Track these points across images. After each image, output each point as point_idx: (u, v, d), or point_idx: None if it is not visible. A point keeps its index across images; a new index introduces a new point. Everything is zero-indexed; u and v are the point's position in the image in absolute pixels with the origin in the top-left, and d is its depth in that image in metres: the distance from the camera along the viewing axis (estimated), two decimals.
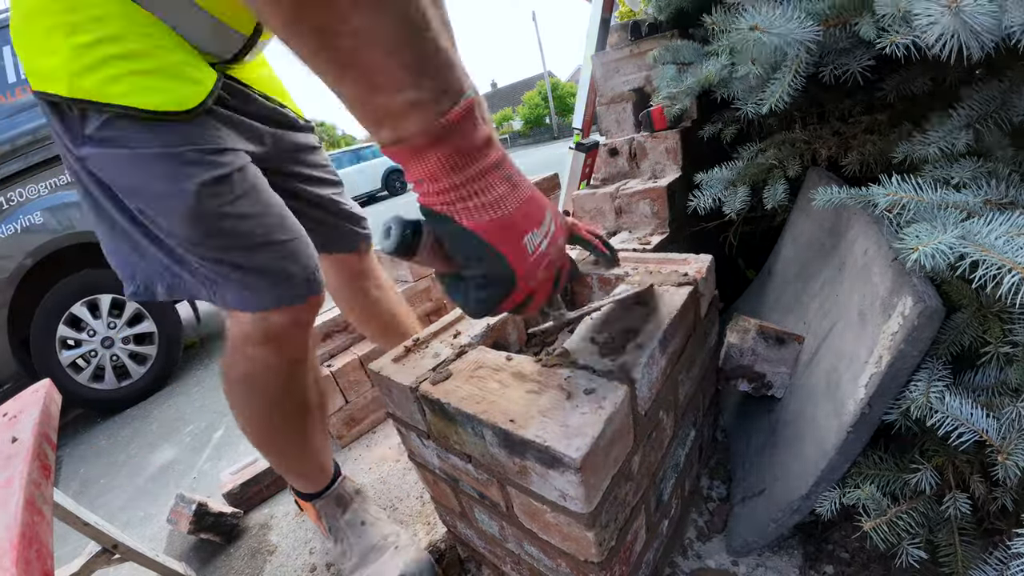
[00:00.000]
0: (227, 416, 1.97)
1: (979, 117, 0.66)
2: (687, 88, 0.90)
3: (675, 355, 0.70)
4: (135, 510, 1.49)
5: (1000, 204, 0.57)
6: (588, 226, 0.64)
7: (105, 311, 2.35)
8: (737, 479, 0.91)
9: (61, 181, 2.23)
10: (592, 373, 0.59)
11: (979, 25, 0.47)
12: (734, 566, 0.80)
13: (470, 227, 0.42)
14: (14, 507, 0.54)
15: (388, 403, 0.76)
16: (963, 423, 0.53)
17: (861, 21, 0.61)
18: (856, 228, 0.76)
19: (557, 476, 0.51)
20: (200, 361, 2.80)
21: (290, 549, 1.07)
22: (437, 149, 0.39)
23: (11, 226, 2.12)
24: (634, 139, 1.25)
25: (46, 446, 0.71)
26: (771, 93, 0.71)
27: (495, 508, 0.68)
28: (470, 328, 0.80)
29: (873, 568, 0.73)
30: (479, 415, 0.57)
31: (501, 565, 0.80)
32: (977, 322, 0.59)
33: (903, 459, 0.64)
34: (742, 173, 0.96)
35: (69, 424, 2.45)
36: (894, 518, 0.59)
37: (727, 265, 1.40)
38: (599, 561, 0.56)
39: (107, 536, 0.89)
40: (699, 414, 0.87)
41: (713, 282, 0.85)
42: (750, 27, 0.63)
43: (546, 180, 2.37)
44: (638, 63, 1.29)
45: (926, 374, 0.58)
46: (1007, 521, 0.58)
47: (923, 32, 0.49)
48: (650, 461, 0.66)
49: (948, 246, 0.50)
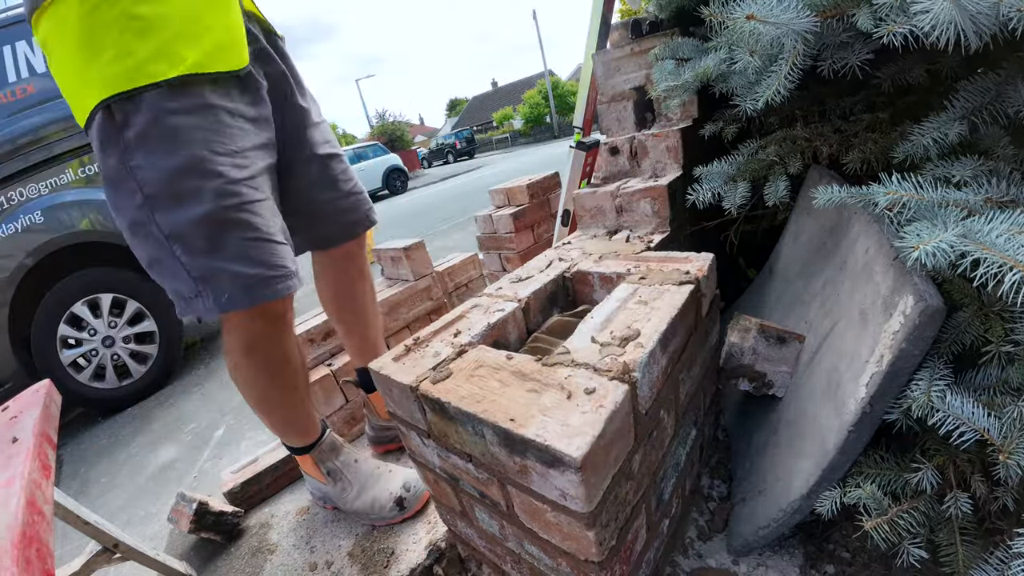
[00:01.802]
0: (228, 415, 1.97)
1: (974, 109, 0.65)
2: (685, 82, 0.89)
3: (676, 354, 0.70)
4: (136, 509, 1.50)
5: (1001, 202, 0.57)
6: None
7: (106, 310, 2.36)
8: (738, 478, 0.90)
9: (62, 181, 2.23)
10: (593, 372, 0.59)
11: (976, 10, 0.46)
12: (735, 565, 0.80)
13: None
14: (15, 507, 0.54)
15: (388, 402, 0.76)
16: (964, 422, 0.53)
17: (859, 12, 0.60)
18: (857, 227, 0.76)
19: (557, 475, 0.51)
20: (201, 360, 2.81)
21: (290, 548, 1.07)
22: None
23: (12, 226, 2.12)
24: (635, 138, 1.25)
25: (46, 446, 0.71)
26: (767, 85, 0.70)
27: (495, 507, 0.68)
28: (470, 327, 0.80)
29: (874, 568, 0.73)
30: (479, 414, 0.56)
31: (501, 564, 0.80)
32: (978, 321, 0.58)
33: (904, 458, 0.64)
34: (742, 168, 0.96)
35: (70, 423, 2.45)
36: (895, 517, 0.59)
37: (728, 264, 1.40)
38: (599, 560, 0.56)
39: (108, 535, 0.89)
40: (700, 413, 0.87)
41: (714, 281, 0.85)
42: (746, 16, 0.63)
43: (546, 179, 2.38)
44: (639, 61, 1.29)
45: (927, 373, 0.58)
46: (1008, 521, 0.58)
47: (920, 20, 0.49)
48: (651, 460, 0.66)
49: (949, 244, 0.50)
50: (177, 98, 0.66)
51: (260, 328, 0.80)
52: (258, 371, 0.85)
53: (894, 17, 0.55)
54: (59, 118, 2.21)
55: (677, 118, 1.28)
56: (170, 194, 0.67)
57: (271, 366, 0.85)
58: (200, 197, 0.68)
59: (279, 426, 0.99)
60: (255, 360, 0.83)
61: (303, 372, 0.95)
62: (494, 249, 2.38)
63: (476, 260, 1.88)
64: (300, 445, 1.03)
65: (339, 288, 1.12)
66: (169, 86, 0.65)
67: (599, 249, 1.07)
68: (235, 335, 0.81)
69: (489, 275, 2.42)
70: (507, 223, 2.23)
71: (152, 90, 0.64)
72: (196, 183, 0.67)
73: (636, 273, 0.84)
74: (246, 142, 0.73)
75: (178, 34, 0.66)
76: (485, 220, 2.34)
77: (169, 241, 0.69)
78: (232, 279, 0.72)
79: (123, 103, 0.64)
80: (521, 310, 0.86)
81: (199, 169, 0.67)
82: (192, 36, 0.67)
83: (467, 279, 1.85)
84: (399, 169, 13.33)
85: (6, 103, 2.14)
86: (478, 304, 0.90)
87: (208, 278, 0.71)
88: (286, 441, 1.04)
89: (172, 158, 0.66)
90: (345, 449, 1.08)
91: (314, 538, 1.08)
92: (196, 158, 0.67)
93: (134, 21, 0.63)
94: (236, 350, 0.82)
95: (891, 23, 0.55)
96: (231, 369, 0.86)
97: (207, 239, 0.69)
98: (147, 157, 0.66)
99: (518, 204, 2.29)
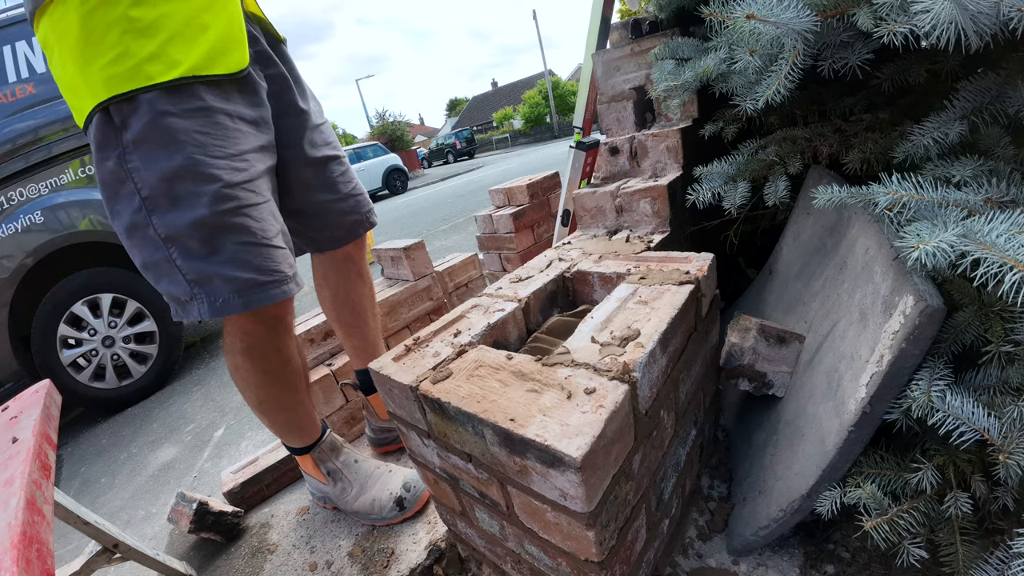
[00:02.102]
0: (228, 415, 1.97)
1: (974, 109, 0.65)
2: (685, 82, 0.89)
3: (676, 354, 0.70)
4: (136, 509, 1.50)
5: (1001, 202, 0.57)
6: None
7: (106, 310, 2.36)
8: (738, 478, 0.90)
9: (62, 180, 2.23)
10: (593, 372, 0.59)
11: (976, 10, 0.46)
12: (735, 565, 0.80)
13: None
14: (15, 507, 0.54)
15: (388, 402, 0.76)
16: (964, 422, 0.53)
17: (859, 11, 0.60)
18: (857, 227, 0.76)
19: (558, 475, 0.51)
20: (201, 360, 2.81)
21: (290, 548, 1.07)
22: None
23: (12, 226, 2.12)
24: (635, 137, 1.25)
25: (46, 446, 0.71)
26: (767, 85, 0.70)
27: (495, 507, 0.68)
28: (470, 327, 0.80)
29: (874, 567, 0.73)
30: (479, 414, 0.56)
31: (501, 564, 0.80)
32: (978, 321, 0.58)
33: (904, 458, 0.64)
34: (742, 168, 0.95)
35: (70, 423, 2.45)
36: (895, 517, 0.59)
37: (728, 264, 1.40)
38: (599, 560, 0.56)
39: (108, 535, 0.89)
40: (700, 413, 0.87)
41: (714, 281, 0.85)
42: (746, 16, 0.63)
43: (546, 179, 2.38)
44: (639, 61, 1.29)
45: (927, 373, 0.58)
46: (1008, 521, 0.58)
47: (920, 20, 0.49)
48: (651, 460, 0.66)
49: (949, 244, 0.50)
50: (175, 100, 0.66)
51: (258, 331, 0.80)
52: (258, 372, 0.85)
53: (894, 17, 0.55)
54: (59, 118, 2.21)
55: (677, 118, 1.28)
56: (167, 196, 0.67)
57: (270, 368, 0.86)
58: (196, 201, 0.68)
59: (279, 426, 0.99)
60: (254, 362, 0.84)
61: (303, 374, 0.95)
62: (494, 249, 2.38)
63: (476, 260, 1.88)
64: (300, 445, 1.03)
65: (338, 290, 1.12)
66: (167, 88, 0.65)
67: (599, 249, 1.07)
68: (235, 337, 0.81)
69: (489, 275, 2.42)
70: (507, 223, 2.23)
71: (150, 92, 0.64)
72: (192, 186, 0.68)
73: (636, 273, 0.84)
74: (245, 144, 0.73)
75: (176, 36, 0.67)
76: (485, 220, 2.34)
77: (166, 244, 0.69)
78: (226, 283, 0.72)
79: (121, 105, 0.65)
80: (521, 310, 0.86)
81: (196, 172, 0.67)
82: (190, 38, 0.68)
83: (467, 279, 1.85)
84: (399, 169, 13.33)
85: (6, 103, 2.14)
86: (478, 304, 0.90)
87: (203, 281, 0.71)
88: (286, 441, 1.04)
89: (169, 161, 0.66)
90: (345, 449, 1.08)
91: (314, 538, 1.08)
92: (193, 161, 0.67)
93: (133, 23, 0.64)
94: (236, 351, 0.83)
95: (891, 23, 0.55)
96: (231, 369, 0.86)
97: (203, 243, 0.69)
98: (144, 159, 0.66)
99: (518, 204, 2.29)
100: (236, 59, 0.72)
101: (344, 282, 1.11)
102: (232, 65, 0.71)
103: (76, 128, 2.24)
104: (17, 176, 2.15)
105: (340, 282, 1.11)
